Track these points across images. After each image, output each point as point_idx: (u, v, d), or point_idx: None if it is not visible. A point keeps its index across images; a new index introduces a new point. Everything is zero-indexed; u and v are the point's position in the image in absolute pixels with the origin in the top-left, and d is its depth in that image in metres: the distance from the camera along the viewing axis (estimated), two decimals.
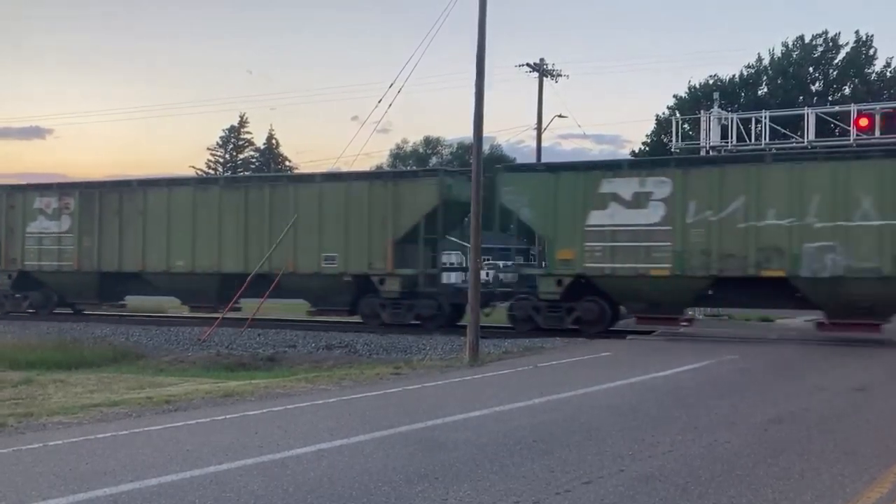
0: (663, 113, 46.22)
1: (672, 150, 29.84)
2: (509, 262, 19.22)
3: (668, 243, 17.95)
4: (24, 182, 27.92)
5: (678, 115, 34.68)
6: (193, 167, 68.46)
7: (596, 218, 18.51)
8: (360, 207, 20.94)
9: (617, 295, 19.17)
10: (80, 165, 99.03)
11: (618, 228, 18.36)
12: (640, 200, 18.21)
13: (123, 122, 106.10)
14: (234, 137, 70.69)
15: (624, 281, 18.58)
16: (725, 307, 21.44)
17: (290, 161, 70.06)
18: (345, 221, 21.04)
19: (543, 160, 35.06)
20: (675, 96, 46.21)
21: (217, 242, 22.35)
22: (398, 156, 65.23)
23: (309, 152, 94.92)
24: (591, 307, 19.07)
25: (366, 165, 56.78)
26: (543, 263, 20.10)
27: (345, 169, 22.71)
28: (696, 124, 31.13)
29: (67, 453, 6.78)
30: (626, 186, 18.38)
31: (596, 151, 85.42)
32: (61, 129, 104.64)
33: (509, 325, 20.13)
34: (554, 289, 19.01)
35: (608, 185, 18.53)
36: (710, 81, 45.08)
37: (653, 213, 18.10)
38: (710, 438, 7.40)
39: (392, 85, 16.41)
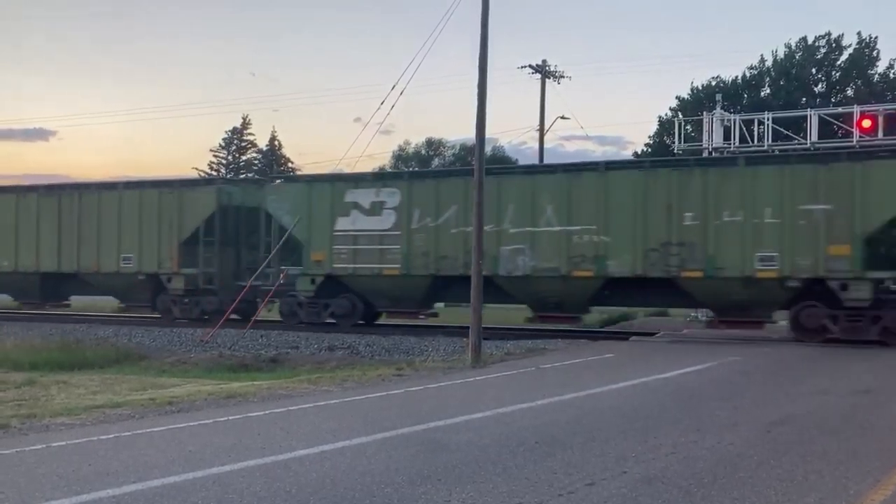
0: (666, 114, 46.17)
1: (674, 151, 29.84)
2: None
3: (398, 246, 20.82)
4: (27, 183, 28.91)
5: (681, 116, 34.66)
6: (196, 168, 68.43)
7: (342, 224, 21.41)
8: (152, 213, 23.90)
9: (362, 292, 21.78)
10: (83, 167, 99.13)
11: (359, 233, 21.26)
12: (375, 209, 21.21)
13: (126, 123, 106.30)
14: (236, 139, 70.67)
15: (366, 280, 21.42)
16: (449, 302, 24.04)
17: (292, 162, 70.05)
18: (139, 225, 24.00)
19: (546, 161, 35.08)
20: (677, 97, 46.09)
21: (35, 244, 25.33)
22: (400, 157, 65.12)
23: (312, 154, 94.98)
24: (343, 303, 21.85)
25: (368, 167, 56.72)
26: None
27: (346, 171, 22.82)
28: (698, 126, 31.12)
29: (70, 454, 6.78)
30: (365, 196, 21.38)
31: (599, 153, 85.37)
32: (64, 130, 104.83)
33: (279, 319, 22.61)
34: (309, 287, 21.81)
35: (351, 195, 21.50)
36: (713, 83, 44.96)
37: (386, 220, 21.04)
38: (714, 440, 7.38)
39: (394, 87, 16.43)
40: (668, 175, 18.63)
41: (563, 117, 41.03)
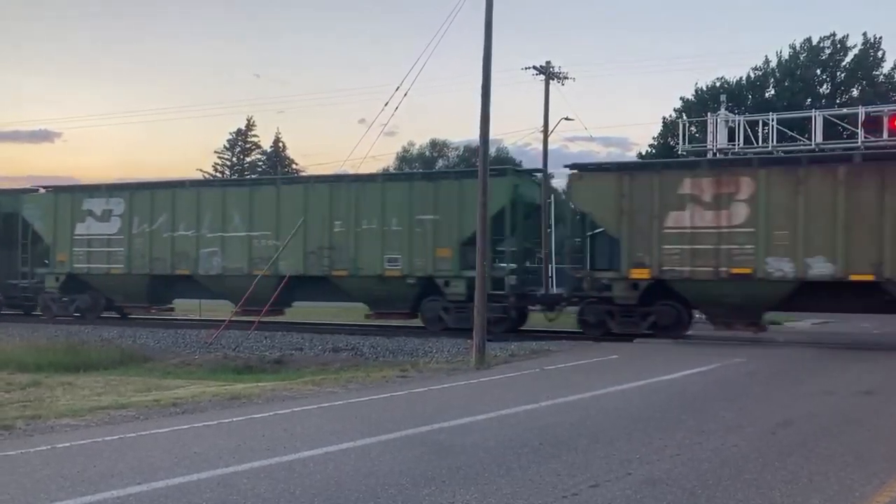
0: (670, 115, 46.18)
1: (679, 152, 29.82)
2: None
3: (122, 249, 24.04)
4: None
5: (685, 117, 34.64)
6: (201, 170, 68.64)
7: (79, 229, 24.61)
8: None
9: (99, 288, 24.86)
10: (88, 169, 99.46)
11: (93, 237, 24.47)
12: (105, 215, 24.29)
13: (131, 125, 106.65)
14: (241, 141, 70.85)
15: (99, 278, 24.53)
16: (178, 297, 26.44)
17: (296, 164, 70.19)
18: None
19: (551, 163, 35.04)
20: (681, 98, 46.12)
21: None
22: (404, 158, 65.23)
23: (316, 155, 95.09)
24: (85, 298, 24.96)
25: (373, 168, 56.90)
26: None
27: (350, 171, 22.91)
28: (702, 127, 31.08)
29: (75, 456, 6.80)
30: (97, 205, 24.41)
31: (604, 154, 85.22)
32: (69, 132, 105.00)
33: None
34: (55, 284, 25.14)
35: (87, 204, 24.50)
36: (717, 84, 44.95)
37: (113, 226, 24.18)
38: (718, 442, 7.37)
39: (398, 88, 16.46)
40: (325, 189, 22.06)
41: (567, 118, 41.02)
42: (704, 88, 45.29)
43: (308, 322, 24.35)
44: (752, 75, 45.58)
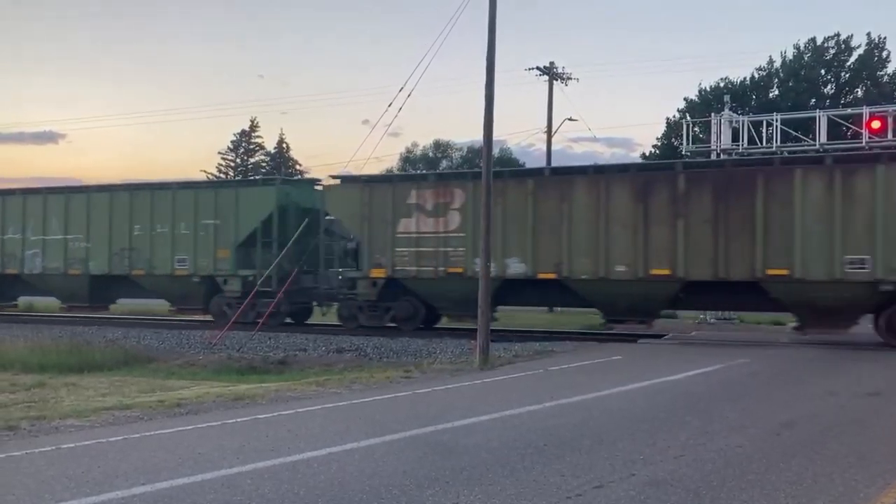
0: (673, 116, 46.11)
1: (682, 153, 29.79)
2: None
3: None
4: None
5: (688, 117, 34.57)
6: (205, 171, 68.73)
7: None
8: None
9: None
10: (92, 169, 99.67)
11: None
12: None
13: (135, 126, 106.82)
14: (244, 142, 70.94)
15: None
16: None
17: (300, 165, 70.26)
18: None
19: (554, 163, 35.08)
20: (685, 99, 46.04)
21: None
22: (408, 159, 65.25)
23: (321, 156, 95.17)
24: None
25: (377, 169, 56.92)
26: None
27: (354, 172, 22.86)
28: (706, 127, 31.05)
29: (80, 456, 6.81)
30: None
31: (608, 155, 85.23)
32: (74, 133, 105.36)
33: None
34: None
35: None
36: (721, 84, 44.88)
37: None
38: (722, 442, 7.36)
39: (401, 89, 16.45)
40: (126, 197, 25.06)
41: (570, 119, 41.03)
42: (708, 89, 45.23)
43: (312, 323, 24.42)
44: (756, 75, 45.50)
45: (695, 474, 6.16)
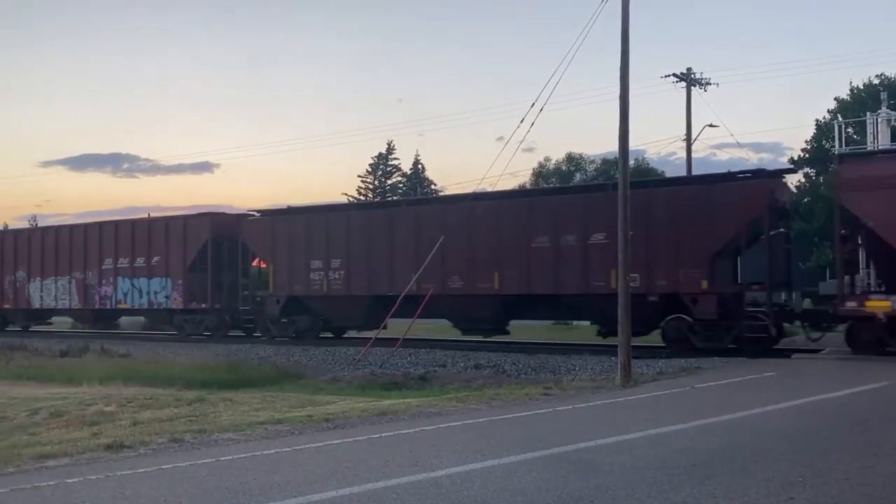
0: (823, 117, 43.43)
1: (835, 154, 27.98)
2: None
3: None
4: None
5: (840, 118, 32.47)
6: (346, 194, 71.42)
7: None
8: None
9: None
10: (244, 196, 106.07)
11: None
12: None
13: (281, 153, 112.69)
14: (382, 164, 73.22)
15: None
16: None
17: (435, 184, 71.70)
18: None
19: (696, 172, 33.84)
20: (836, 99, 43.28)
21: None
22: (541, 174, 64.98)
23: (455, 175, 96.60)
24: None
25: (510, 185, 57.03)
26: None
27: (488, 189, 23.12)
28: (861, 127, 29.04)
29: (237, 468, 7.17)
30: None
31: (755, 160, 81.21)
32: (227, 163, 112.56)
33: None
34: None
35: None
36: (876, 81, 41.86)
37: None
38: (893, 466, 6.79)
39: (534, 104, 16.42)
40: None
41: (711, 125, 39.20)
42: (861, 87, 42.32)
43: (451, 339, 24.71)
44: None
45: (861, 500, 5.71)
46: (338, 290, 23.91)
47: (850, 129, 31.22)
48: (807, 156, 43.04)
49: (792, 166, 23.24)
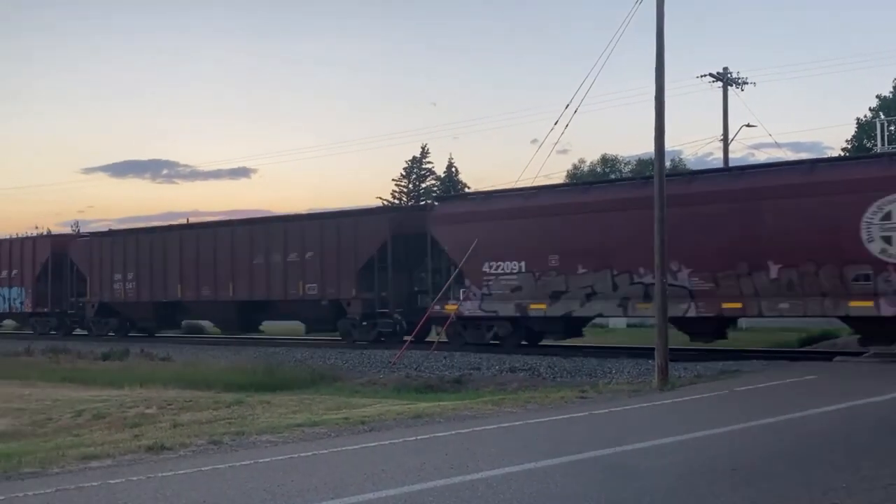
0: (865, 115, 42.61)
1: (876, 152, 27.44)
2: None
3: None
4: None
5: (882, 116, 31.79)
6: (380, 198, 71.79)
7: None
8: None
9: None
10: (281, 201, 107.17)
11: None
12: None
13: (318, 158, 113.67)
14: (416, 168, 73.44)
15: None
16: None
17: (469, 187, 71.73)
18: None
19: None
20: (878, 96, 42.47)
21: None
22: (575, 176, 64.65)
23: (489, 178, 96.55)
24: None
25: None
26: None
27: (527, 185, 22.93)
28: None
29: (275, 470, 7.25)
30: None
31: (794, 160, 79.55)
32: (264, 168, 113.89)
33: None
34: None
35: None
36: None
37: None
38: None
39: (568, 105, 16.35)
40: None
41: (748, 125, 38.63)
42: None
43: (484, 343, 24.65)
44: None
45: None
46: (132, 297, 29.96)
47: (892, 127, 30.57)
48: (847, 154, 42.25)
49: (424, 203, 28.31)
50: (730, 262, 17.95)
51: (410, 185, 73.42)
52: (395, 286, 23.75)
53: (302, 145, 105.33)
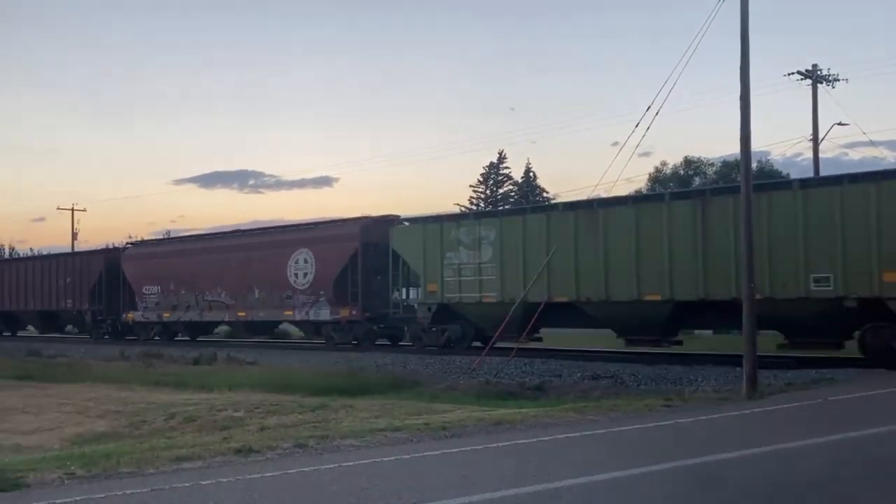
0: None
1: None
2: None
3: None
4: None
5: None
6: (458, 204, 72.05)
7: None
8: None
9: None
10: (363, 209, 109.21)
11: None
12: None
13: (398, 166, 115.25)
14: (493, 174, 73.40)
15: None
16: None
17: (547, 192, 71.17)
18: None
19: (824, 173, 32.14)
20: None
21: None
22: (657, 179, 63.32)
23: (568, 181, 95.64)
24: None
25: (625, 191, 55.82)
26: None
27: (604, 195, 22.57)
28: None
29: (359, 474, 7.34)
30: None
31: (892, 159, 76.20)
32: (345, 176, 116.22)
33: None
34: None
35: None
36: None
37: None
38: None
39: (649, 107, 16.03)
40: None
41: (840, 124, 36.99)
42: None
43: (565, 349, 24.41)
44: None
45: None
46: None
47: None
48: None
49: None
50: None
51: (488, 192, 73.42)
52: None
53: (382, 154, 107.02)
